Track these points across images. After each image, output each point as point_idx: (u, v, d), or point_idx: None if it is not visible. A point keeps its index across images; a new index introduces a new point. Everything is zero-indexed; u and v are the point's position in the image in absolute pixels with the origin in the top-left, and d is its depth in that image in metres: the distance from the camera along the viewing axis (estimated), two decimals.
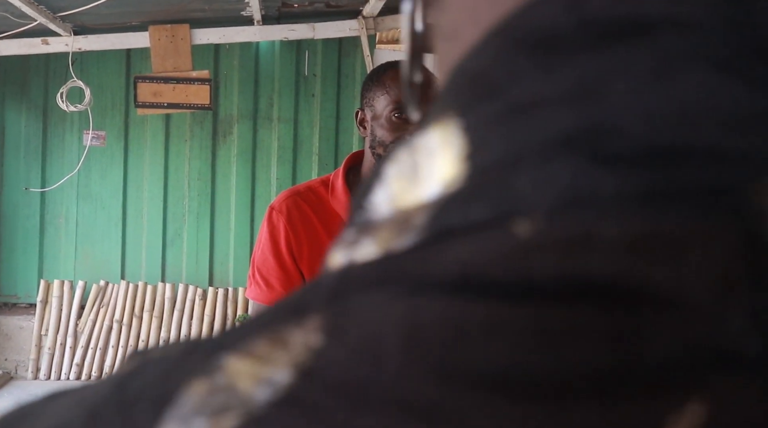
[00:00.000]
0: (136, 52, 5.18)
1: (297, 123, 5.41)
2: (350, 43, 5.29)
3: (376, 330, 0.18)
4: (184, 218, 5.42)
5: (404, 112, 1.71)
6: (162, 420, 0.18)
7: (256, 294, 1.79)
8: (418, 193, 0.21)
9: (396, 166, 0.23)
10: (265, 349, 0.19)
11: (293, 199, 1.81)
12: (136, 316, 5.21)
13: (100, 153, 5.31)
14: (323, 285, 0.20)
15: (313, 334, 0.18)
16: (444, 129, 0.22)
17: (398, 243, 0.20)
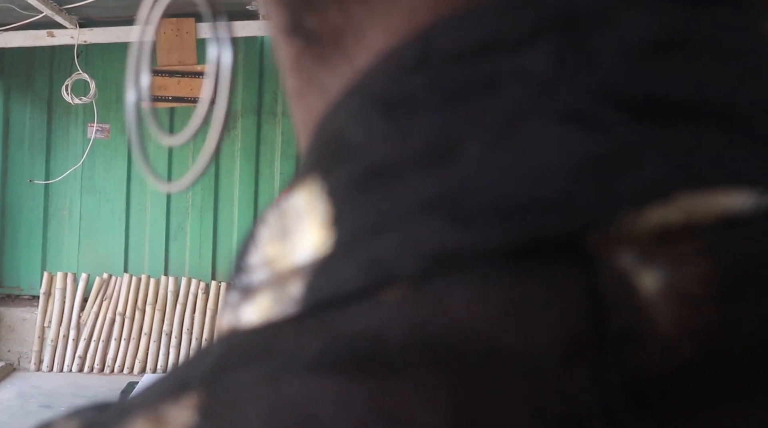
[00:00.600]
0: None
1: None
2: None
3: (243, 412, 0.17)
4: (188, 212, 5.43)
5: None
6: None
7: None
8: (291, 258, 0.21)
9: (267, 229, 0.22)
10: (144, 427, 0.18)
11: None
12: (138, 309, 5.22)
13: (105, 146, 5.32)
14: (206, 357, 0.20)
15: (188, 413, 0.18)
16: (309, 192, 0.21)
17: (276, 313, 0.20)
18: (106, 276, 5.28)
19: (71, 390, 4.82)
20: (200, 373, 0.19)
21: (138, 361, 5.17)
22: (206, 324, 5.22)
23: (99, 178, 5.36)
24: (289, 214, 0.21)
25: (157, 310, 5.23)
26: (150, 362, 5.18)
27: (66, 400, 4.65)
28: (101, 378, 5.05)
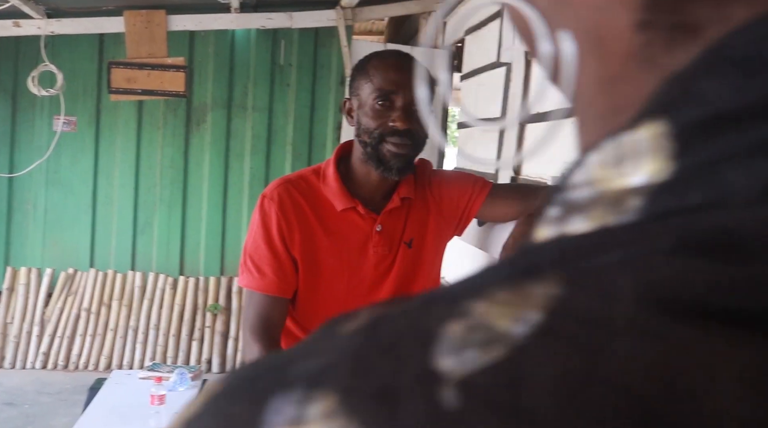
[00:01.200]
0: (110, 37, 5.10)
1: (271, 112, 5.38)
2: (327, 34, 5.27)
3: (611, 280, 0.22)
4: (156, 206, 5.36)
5: (387, 100, 1.72)
6: (432, 354, 0.21)
7: (249, 282, 1.78)
8: (623, 181, 0.25)
9: (600, 155, 0.27)
10: (508, 297, 0.22)
11: (285, 186, 1.81)
12: (104, 305, 5.15)
13: (71, 139, 5.23)
14: (545, 252, 0.24)
15: (552, 286, 0.22)
16: (653, 130, 0.26)
17: (614, 220, 0.25)
18: (72, 272, 5.19)
19: (35, 387, 4.74)
20: (547, 262, 0.23)
21: (104, 357, 5.10)
22: (174, 319, 5.16)
23: (65, 171, 5.27)
24: (628, 145, 0.26)
25: (124, 306, 5.16)
26: (116, 358, 5.11)
27: (29, 397, 4.57)
28: (66, 375, 4.97)
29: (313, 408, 0.22)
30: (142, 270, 5.28)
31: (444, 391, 0.21)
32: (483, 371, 0.21)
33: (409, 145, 1.74)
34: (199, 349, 5.15)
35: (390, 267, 1.84)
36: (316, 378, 0.23)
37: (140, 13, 4.87)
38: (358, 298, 1.84)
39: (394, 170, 1.75)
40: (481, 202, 1.88)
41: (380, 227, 1.81)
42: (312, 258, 1.80)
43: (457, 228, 1.94)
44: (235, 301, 5.23)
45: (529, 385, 0.20)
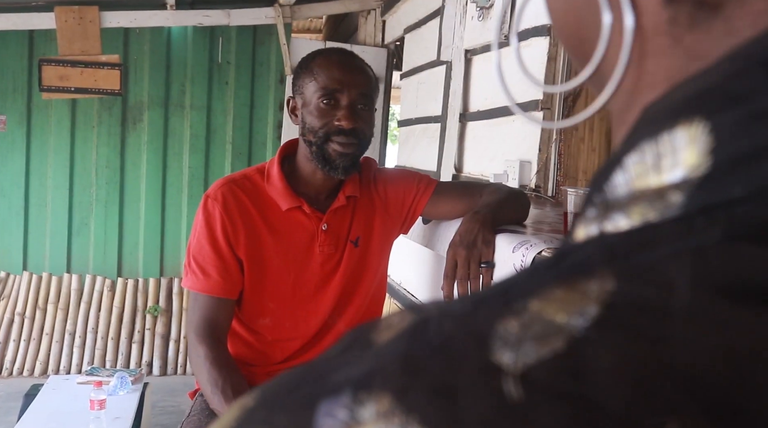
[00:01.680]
0: (40, 33, 4.96)
1: (210, 110, 5.31)
2: (265, 31, 5.23)
3: (664, 271, 0.23)
4: (91, 207, 5.24)
5: (332, 98, 1.72)
6: (489, 349, 0.22)
7: (192, 283, 1.76)
8: (662, 178, 0.27)
9: (637, 155, 0.28)
10: (562, 294, 0.23)
11: (228, 186, 1.79)
12: (39, 309, 5.02)
13: (1, 139, 5.07)
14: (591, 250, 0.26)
15: (607, 281, 0.23)
16: (691, 128, 0.27)
17: (656, 216, 0.26)
18: (4, 275, 5.04)
19: None
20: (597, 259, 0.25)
21: (39, 363, 4.96)
22: (112, 322, 5.06)
23: None
24: (665, 143, 0.27)
25: (60, 309, 5.04)
26: (53, 363, 4.98)
27: None
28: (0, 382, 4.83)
29: (366, 409, 0.23)
30: (79, 273, 5.15)
31: (506, 384, 0.22)
32: (543, 362, 0.22)
33: (354, 144, 1.74)
34: (139, 352, 5.06)
35: (336, 266, 1.84)
36: (364, 381, 0.23)
37: (72, 9, 4.75)
38: (305, 298, 1.84)
39: (339, 169, 1.75)
40: (426, 200, 1.89)
41: (326, 226, 1.81)
42: (257, 259, 1.78)
43: (403, 227, 1.95)
44: (175, 303, 5.15)
45: (592, 374, 0.21)
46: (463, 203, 1.84)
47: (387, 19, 5.02)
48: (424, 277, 2.53)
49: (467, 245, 1.62)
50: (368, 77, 1.78)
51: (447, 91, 3.51)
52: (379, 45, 5.12)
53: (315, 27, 7.55)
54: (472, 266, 1.61)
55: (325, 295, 1.84)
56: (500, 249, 1.60)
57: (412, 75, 4.27)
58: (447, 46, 3.50)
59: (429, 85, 3.92)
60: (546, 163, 2.65)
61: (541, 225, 1.84)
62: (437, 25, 3.66)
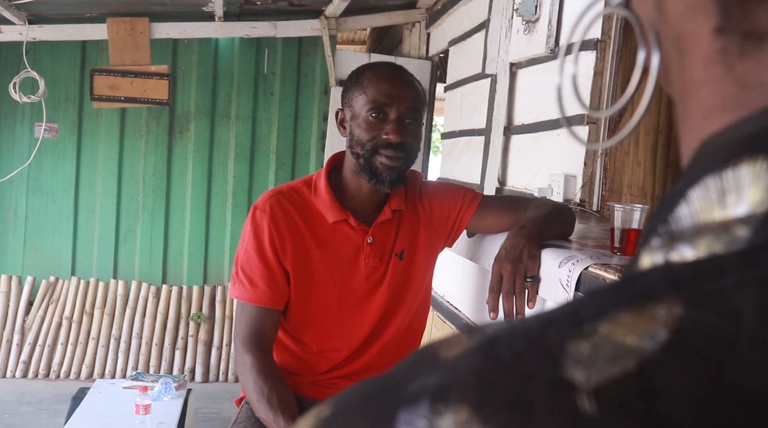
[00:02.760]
0: (92, 44, 5.08)
1: (255, 121, 5.38)
2: (310, 43, 5.28)
3: (731, 300, 0.24)
4: (138, 214, 5.34)
5: (380, 112, 1.73)
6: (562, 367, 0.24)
7: (240, 293, 1.78)
8: (726, 212, 0.28)
9: (701, 190, 0.29)
10: (631, 318, 0.25)
11: (276, 198, 1.81)
12: (86, 313, 5.12)
13: (53, 146, 5.20)
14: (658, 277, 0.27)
15: (674, 307, 0.25)
16: (755, 166, 0.28)
17: (722, 248, 0.27)
18: (53, 280, 5.16)
19: (15, 396, 4.69)
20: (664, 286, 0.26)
21: (85, 366, 5.06)
22: (156, 328, 5.14)
23: (46, 178, 5.24)
24: (729, 180, 0.29)
25: (106, 314, 5.13)
26: (98, 367, 5.07)
27: (9, 407, 4.52)
28: (47, 384, 4.93)
29: (444, 420, 0.24)
30: (125, 279, 5.25)
31: (579, 399, 0.23)
32: (616, 380, 0.23)
33: (401, 158, 1.75)
34: (182, 358, 5.13)
35: (381, 279, 1.85)
36: (441, 392, 0.25)
37: (123, 20, 4.86)
38: (350, 309, 1.85)
39: (386, 183, 1.76)
40: (471, 213, 1.89)
41: (371, 239, 1.82)
42: (304, 270, 1.80)
43: (448, 240, 1.96)
44: (218, 310, 5.22)
45: (662, 393, 0.23)
46: (509, 217, 1.84)
47: (432, 32, 5.04)
48: (468, 291, 2.53)
49: (513, 260, 1.62)
50: (417, 92, 1.79)
51: (491, 104, 3.51)
52: (424, 57, 5.14)
53: (359, 38, 7.60)
54: (518, 281, 1.61)
55: (369, 307, 1.85)
56: (546, 264, 1.60)
57: (456, 87, 4.27)
58: (492, 59, 3.50)
59: (473, 98, 3.93)
60: (591, 177, 2.64)
61: (586, 240, 1.84)
62: (482, 38, 3.66)
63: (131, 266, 5.35)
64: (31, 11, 4.62)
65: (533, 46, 3.01)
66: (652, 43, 0.35)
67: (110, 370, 5.08)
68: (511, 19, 3.25)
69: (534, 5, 2.97)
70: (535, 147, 3.07)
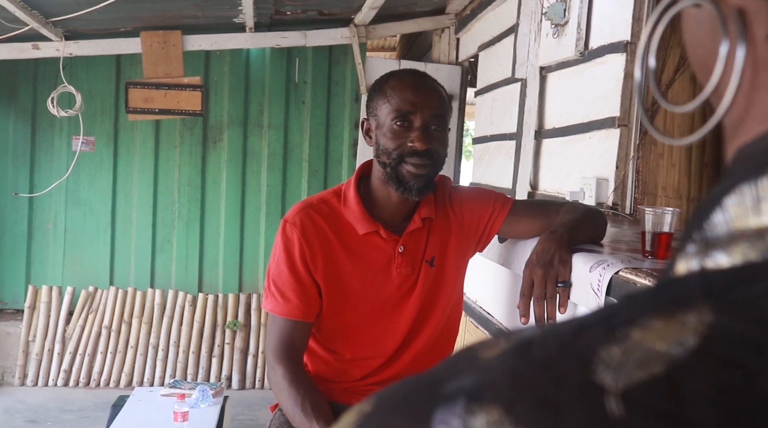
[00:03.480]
0: (126, 57, 5.17)
1: (287, 129, 5.42)
2: (340, 51, 5.32)
3: (762, 307, 0.25)
4: (174, 224, 5.41)
5: (405, 120, 1.73)
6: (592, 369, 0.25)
7: (273, 307, 1.80)
8: (761, 219, 0.28)
9: (736, 197, 0.30)
10: (663, 325, 0.26)
11: (306, 211, 1.82)
12: (125, 322, 5.20)
13: (89, 158, 5.30)
14: (691, 284, 0.28)
15: (705, 315, 0.25)
16: None
17: (758, 256, 0.28)
18: (92, 290, 5.24)
19: (57, 404, 4.78)
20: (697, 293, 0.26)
21: (125, 374, 5.14)
22: (193, 336, 5.20)
23: (84, 190, 5.33)
24: (765, 187, 0.29)
25: (144, 323, 5.20)
26: (137, 375, 5.14)
27: (52, 415, 4.61)
28: (87, 392, 5.02)
29: (477, 419, 0.25)
30: (162, 288, 5.32)
31: (607, 401, 0.24)
32: (644, 384, 0.24)
33: (428, 165, 1.75)
34: (218, 366, 5.18)
35: (413, 287, 1.86)
36: (476, 393, 0.26)
37: (156, 34, 4.94)
38: (382, 318, 1.86)
39: (414, 191, 1.76)
40: (502, 219, 1.89)
41: (402, 248, 1.83)
42: (336, 282, 1.81)
43: (479, 246, 1.96)
44: (253, 318, 5.26)
45: (689, 397, 0.23)
46: (540, 222, 1.84)
47: (461, 37, 5.05)
48: (500, 296, 2.53)
49: (544, 264, 1.62)
50: (441, 98, 1.78)
51: (522, 108, 3.51)
52: (453, 62, 5.14)
53: (389, 45, 7.63)
54: (549, 285, 1.61)
55: (402, 315, 1.86)
56: (577, 268, 1.60)
57: (487, 92, 4.28)
58: (521, 63, 3.50)
59: (503, 103, 3.92)
60: (623, 180, 2.62)
61: (618, 244, 1.83)
62: (512, 43, 3.66)
63: (168, 275, 5.42)
64: (67, 27, 4.72)
65: (563, 49, 3.01)
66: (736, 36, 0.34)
67: (149, 378, 5.15)
68: (540, 23, 3.25)
69: (563, 8, 2.97)
70: (567, 150, 3.06)
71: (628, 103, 2.61)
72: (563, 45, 3.00)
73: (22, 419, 4.53)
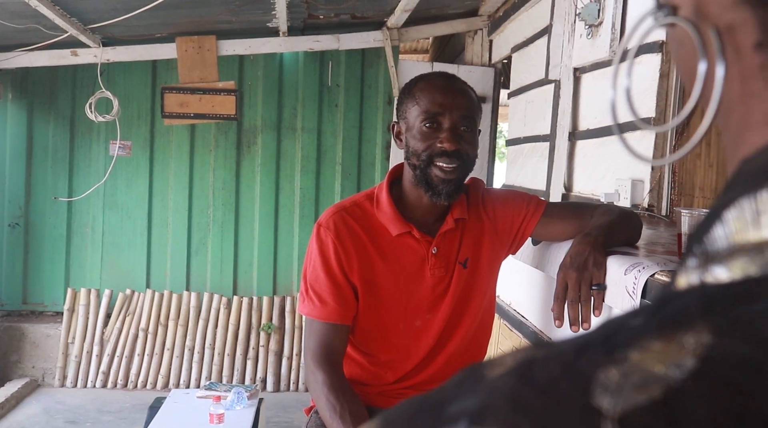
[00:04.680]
0: (162, 63, 5.24)
1: (320, 133, 5.45)
2: (373, 54, 5.33)
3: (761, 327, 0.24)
4: (209, 227, 5.46)
5: (434, 122, 1.73)
6: (590, 393, 0.25)
7: (310, 310, 1.81)
8: (760, 233, 0.28)
9: (736, 211, 0.29)
10: (661, 346, 0.25)
11: (339, 214, 1.83)
12: (161, 325, 5.26)
13: (126, 162, 5.37)
14: (691, 301, 0.27)
15: (704, 335, 0.25)
16: None
17: (757, 271, 0.27)
18: (129, 292, 5.31)
19: (96, 405, 4.85)
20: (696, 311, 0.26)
21: (161, 376, 5.19)
22: (228, 338, 5.24)
23: (121, 194, 5.41)
24: (765, 201, 0.28)
25: (180, 326, 5.26)
26: (173, 377, 5.20)
27: (91, 416, 4.68)
28: (125, 394, 5.08)
29: None
30: (197, 291, 5.37)
31: (604, 426, 0.24)
32: (641, 408, 0.24)
33: (457, 168, 1.74)
34: (253, 368, 5.22)
35: (446, 288, 1.85)
36: (478, 415, 0.26)
37: (191, 39, 4.99)
38: (416, 319, 1.85)
39: (443, 195, 1.76)
40: (536, 221, 1.88)
41: (436, 249, 1.83)
42: (371, 284, 1.81)
43: (512, 248, 1.95)
44: (288, 320, 5.29)
45: (687, 422, 0.23)
46: (574, 225, 1.82)
47: (494, 39, 5.03)
48: (534, 299, 2.52)
49: (578, 267, 1.60)
50: (470, 99, 1.78)
51: (556, 109, 3.49)
52: (486, 64, 5.13)
53: (422, 47, 7.63)
54: (583, 288, 1.59)
55: (435, 316, 1.86)
56: (612, 271, 1.58)
57: (520, 94, 4.25)
58: (555, 64, 3.48)
59: (537, 104, 3.90)
60: (659, 181, 2.59)
61: (654, 246, 1.81)
62: (545, 44, 3.64)
63: (203, 278, 5.47)
64: (104, 34, 4.79)
65: (596, 50, 2.98)
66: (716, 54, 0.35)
67: (185, 380, 5.20)
68: (573, 24, 3.23)
69: (597, 9, 2.94)
70: (601, 152, 3.03)
71: (663, 103, 2.57)
72: (597, 45, 2.97)
73: (62, 420, 4.60)
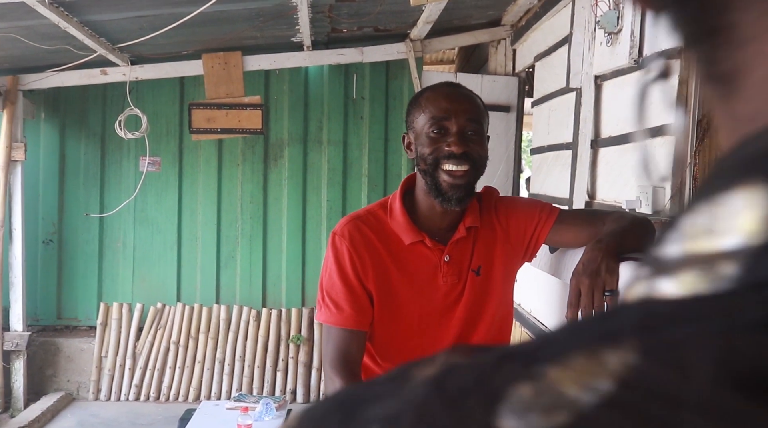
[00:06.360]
0: (189, 79, 5.33)
1: (346, 145, 5.49)
2: (397, 66, 5.36)
3: (687, 354, 0.22)
4: (237, 241, 5.52)
5: (441, 127, 1.76)
6: (496, 413, 0.22)
7: (327, 318, 1.83)
8: (715, 243, 0.25)
9: (692, 218, 0.27)
10: (583, 364, 0.23)
11: (354, 223, 1.86)
12: (192, 337, 5.32)
13: (156, 178, 5.46)
14: (628, 317, 0.24)
15: (629, 355, 0.22)
16: (750, 192, 0.25)
17: (707, 287, 0.24)
18: (160, 306, 5.38)
19: (129, 418, 4.91)
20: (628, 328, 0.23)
21: (193, 389, 5.25)
22: (258, 350, 5.28)
23: (151, 209, 5.49)
24: (722, 207, 0.25)
25: (210, 338, 5.31)
26: (204, 389, 5.25)
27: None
28: (158, 406, 5.14)
29: None
30: (227, 303, 5.43)
31: None
32: None
33: (467, 172, 1.76)
34: (283, 380, 5.25)
35: (460, 295, 1.87)
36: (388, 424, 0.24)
37: (218, 56, 5.07)
38: (430, 327, 1.87)
39: (453, 201, 1.78)
40: (548, 229, 1.88)
41: (448, 257, 1.84)
42: (386, 290, 1.84)
43: (526, 255, 1.95)
44: (317, 332, 5.32)
45: None
46: (587, 232, 1.82)
47: (517, 48, 5.03)
48: (552, 306, 2.51)
49: (590, 274, 1.61)
50: (475, 104, 1.82)
51: (577, 117, 3.48)
52: (510, 74, 5.13)
53: (448, 58, 7.65)
54: (596, 295, 1.59)
55: (449, 324, 1.87)
56: (625, 277, 1.58)
57: (543, 102, 4.25)
58: (576, 72, 3.48)
59: (560, 112, 3.90)
60: (680, 187, 2.58)
61: None
62: (566, 52, 3.64)
63: (232, 291, 5.53)
64: (133, 53, 4.88)
65: (617, 57, 2.98)
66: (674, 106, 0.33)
67: (216, 392, 5.25)
68: (593, 32, 3.22)
69: (616, 17, 2.94)
70: (623, 159, 3.02)
71: (684, 109, 2.56)
72: (617, 53, 2.97)
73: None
